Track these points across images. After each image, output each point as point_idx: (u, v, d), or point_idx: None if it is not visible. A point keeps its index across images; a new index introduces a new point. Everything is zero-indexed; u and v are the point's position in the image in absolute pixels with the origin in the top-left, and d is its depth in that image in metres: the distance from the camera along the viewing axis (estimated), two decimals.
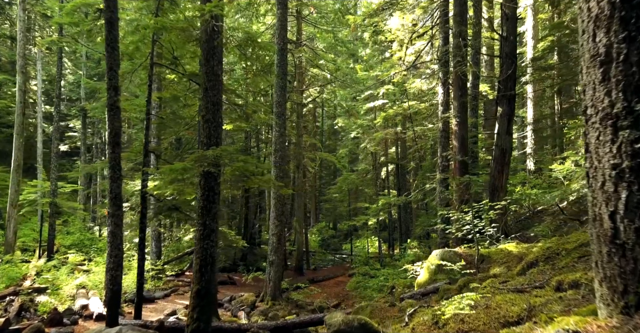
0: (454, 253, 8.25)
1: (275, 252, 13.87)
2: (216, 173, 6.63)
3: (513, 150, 21.51)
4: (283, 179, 14.59)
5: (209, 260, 6.49)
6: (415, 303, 7.00)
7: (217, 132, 6.80)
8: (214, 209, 6.65)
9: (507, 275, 6.15)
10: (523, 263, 5.65)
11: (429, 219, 17.31)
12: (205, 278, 6.42)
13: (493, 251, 8.24)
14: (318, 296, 15.95)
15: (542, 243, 7.90)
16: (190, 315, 6.30)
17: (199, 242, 6.55)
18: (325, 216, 36.76)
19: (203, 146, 6.72)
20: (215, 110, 6.84)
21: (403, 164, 24.20)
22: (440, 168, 12.95)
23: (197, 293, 6.35)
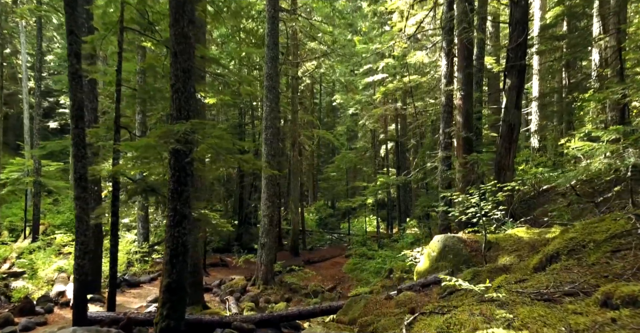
0: (457, 240, 7.48)
1: (267, 235, 13.15)
2: (187, 152, 5.77)
3: None
4: (275, 158, 13.75)
5: (180, 250, 5.70)
6: (414, 297, 6.26)
7: (188, 104, 5.91)
8: (186, 192, 5.82)
9: (521, 269, 5.37)
10: (541, 255, 4.84)
11: (429, 199, 16.55)
12: (177, 270, 5.65)
13: (501, 237, 7.46)
14: (313, 279, 15.34)
15: (556, 229, 7.12)
16: (159, 312, 5.56)
17: (169, 229, 5.74)
18: (324, 195, 36.07)
19: (173, 120, 5.84)
20: (185, 79, 5.93)
21: (403, 142, 23.31)
22: (443, 145, 12.08)
23: (167, 288, 5.59)
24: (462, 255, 7.19)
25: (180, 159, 5.83)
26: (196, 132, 5.65)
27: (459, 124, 11.44)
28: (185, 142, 5.64)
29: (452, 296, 5.77)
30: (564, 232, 6.05)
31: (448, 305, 4.47)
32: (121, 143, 6.48)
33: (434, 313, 3.92)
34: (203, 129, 5.59)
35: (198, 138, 5.56)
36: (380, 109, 21.49)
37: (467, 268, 6.97)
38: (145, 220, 15.57)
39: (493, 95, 21.16)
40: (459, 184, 11.21)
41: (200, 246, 10.28)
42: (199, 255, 10.22)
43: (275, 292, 12.87)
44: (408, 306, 5.84)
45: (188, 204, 5.92)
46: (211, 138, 5.69)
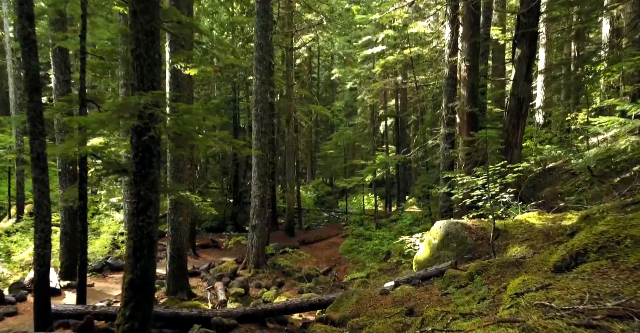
0: (461, 226, 6.74)
1: (258, 216, 12.44)
2: (152, 129, 4.95)
3: None
4: (267, 135, 12.91)
5: (146, 242, 4.96)
6: (412, 293, 5.56)
7: (152, 73, 5.05)
8: (151, 175, 5.03)
9: (536, 264, 4.64)
10: (564, 251, 4.09)
11: (429, 178, 15.81)
12: (142, 264, 4.92)
13: (510, 223, 6.72)
14: (307, 261, 14.74)
15: (572, 215, 6.36)
16: (121, 313, 4.86)
17: (132, 218, 4.98)
18: (322, 172, 35.31)
19: (134, 91, 5.00)
20: (149, 43, 5.05)
21: (403, 118, 22.38)
22: (445, 122, 11.23)
23: (130, 284, 4.87)
24: (466, 244, 6.47)
25: (145, 138, 5.01)
26: (160, 106, 4.81)
27: (464, 98, 10.56)
28: (147, 117, 4.81)
29: (456, 292, 5.07)
30: (584, 219, 5.31)
31: (453, 312, 3.75)
32: (69, 118, 5.66)
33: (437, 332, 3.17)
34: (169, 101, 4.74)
35: (160, 113, 4.72)
36: (379, 83, 20.49)
37: (472, 258, 6.27)
38: None
39: (498, 69, 20.15)
40: (462, 163, 10.43)
41: (183, 230, 9.57)
42: (182, 240, 9.52)
43: (267, 276, 12.26)
44: (406, 304, 5.14)
45: (154, 189, 5.13)
46: (179, 112, 4.85)
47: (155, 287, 5.22)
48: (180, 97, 9.36)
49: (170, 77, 9.31)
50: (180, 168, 9.35)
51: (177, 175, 9.33)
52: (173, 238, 9.42)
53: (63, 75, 10.02)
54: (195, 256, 14.30)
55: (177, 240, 9.44)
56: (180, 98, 9.36)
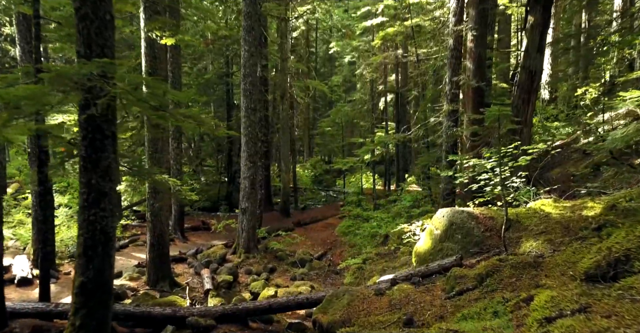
0: (467, 215, 5.99)
1: (249, 198, 11.72)
2: (93, 105, 4.13)
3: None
4: (257, 112, 12.04)
5: (99, 239, 4.22)
6: (412, 294, 4.85)
7: (102, 38, 4.20)
8: (105, 160, 4.25)
9: (558, 265, 3.91)
10: (598, 255, 3.35)
11: (430, 157, 15.01)
12: (95, 265, 4.19)
13: (522, 212, 5.97)
14: (302, 244, 14.11)
15: (593, 203, 5.59)
16: (71, 322, 4.16)
17: (82, 211, 4.23)
18: (320, 150, 34.45)
19: (80, 59, 4.17)
20: (96, 0, 4.19)
21: (403, 93, 21.41)
22: (449, 97, 10.35)
23: (81, 289, 4.16)
24: (473, 236, 5.74)
25: (96, 116, 4.19)
26: (109, 77, 3.97)
27: (469, 71, 9.67)
28: (95, 90, 3.98)
29: (462, 297, 4.36)
30: (610, 209, 4.55)
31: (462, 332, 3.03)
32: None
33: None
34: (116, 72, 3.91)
35: (109, 87, 3.88)
36: (379, 57, 19.44)
37: (479, 252, 5.55)
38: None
39: (504, 41, 19.09)
40: (466, 143, 9.63)
41: (164, 215, 8.85)
42: (163, 226, 8.81)
43: (257, 261, 11.64)
44: (404, 309, 4.44)
45: (109, 177, 4.35)
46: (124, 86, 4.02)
47: (112, 291, 4.49)
48: (157, 70, 8.48)
49: (145, 47, 8.40)
50: (158, 149, 8.56)
51: (155, 156, 8.54)
52: (153, 225, 8.71)
53: (29, 44, 9.09)
54: (183, 239, 13.66)
55: (157, 227, 8.73)
56: (157, 71, 8.48)
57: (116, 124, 4.42)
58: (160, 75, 8.56)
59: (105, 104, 3.88)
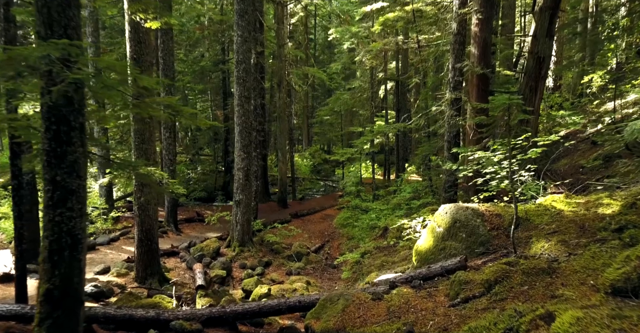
0: (472, 212, 5.57)
1: (243, 191, 11.30)
2: (69, 93, 3.68)
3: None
4: (251, 100, 11.55)
5: (66, 242, 3.80)
6: (412, 299, 4.46)
7: (66, 17, 3.72)
8: (71, 155, 3.81)
9: (575, 272, 3.51)
10: (627, 266, 2.93)
11: (431, 147, 14.55)
12: (62, 271, 3.78)
13: (532, 209, 5.55)
14: (299, 237, 13.74)
15: (609, 200, 5.17)
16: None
17: (47, 211, 3.80)
18: (320, 139, 33.90)
19: (40, 41, 3.70)
20: None
21: (404, 81, 20.85)
22: (452, 85, 9.86)
23: (47, 297, 3.75)
24: (478, 235, 5.32)
25: (61, 105, 3.74)
26: (72, 61, 3.50)
27: (474, 57, 9.16)
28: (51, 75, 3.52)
29: (468, 306, 3.96)
30: (630, 208, 4.12)
31: None
32: None
33: None
34: (82, 55, 3.44)
35: (68, 72, 3.41)
36: (379, 43, 18.83)
37: (486, 253, 5.14)
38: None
39: (507, 26, 18.49)
40: (470, 133, 9.18)
41: (153, 209, 8.43)
42: (152, 220, 8.40)
43: (252, 255, 11.27)
44: (404, 318, 4.04)
45: (77, 173, 3.91)
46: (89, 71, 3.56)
47: (83, 299, 4.08)
48: (143, 56, 7.98)
49: (129, 31, 7.89)
50: (145, 139, 8.10)
51: (141, 147, 8.09)
52: (141, 219, 8.30)
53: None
54: (177, 232, 13.28)
55: (145, 221, 8.32)
56: (144, 57, 7.98)
57: (84, 114, 3.96)
58: (147, 61, 8.05)
59: (62, 91, 3.42)
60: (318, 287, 9.49)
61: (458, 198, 10.16)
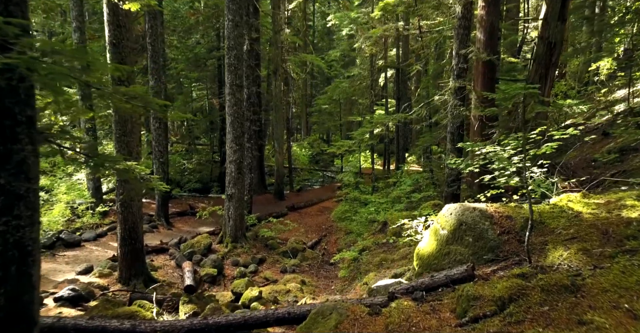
0: (480, 214, 5.04)
1: (235, 184, 10.78)
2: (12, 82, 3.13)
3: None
4: (243, 88, 10.97)
5: (13, 255, 3.27)
6: (414, 315, 3.95)
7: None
8: (18, 154, 3.26)
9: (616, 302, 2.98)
10: None
11: (432, 138, 14.00)
12: (9, 289, 3.25)
13: (546, 211, 5.01)
14: (295, 231, 13.27)
15: (633, 201, 4.63)
16: None
17: None
18: (319, 127, 33.27)
19: None
20: None
21: (404, 69, 20.18)
22: (455, 73, 9.27)
23: None
24: (487, 239, 4.80)
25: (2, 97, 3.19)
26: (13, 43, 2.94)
27: (480, 43, 8.55)
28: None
29: (477, 326, 3.45)
30: None
31: None
32: None
33: None
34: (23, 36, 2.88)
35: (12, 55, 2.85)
36: (379, 29, 18.11)
37: (495, 260, 4.63)
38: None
39: (511, 11, 17.82)
40: (475, 124, 8.61)
41: (137, 206, 7.91)
42: (136, 218, 7.89)
43: (246, 252, 10.80)
44: None
45: (26, 174, 3.36)
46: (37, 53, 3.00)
47: (38, 320, 3.57)
48: (124, 41, 7.38)
49: (108, 14, 7.28)
50: (127, 131, 7.54)
51: (123, 139, 7.54)
52: (124, 217, 7.79)
53: None
54: (168, 226, 12.79)
55: (128, 219, 7.81)
56: (124, 41, 7.38)
57: (34, 106, 3.40)
58: (128, 47, 7.45)
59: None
60: (313, 287, 9.03)
61: (461, 193, 9.65)
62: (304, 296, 7.87)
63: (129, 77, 7.48)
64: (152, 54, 12.06)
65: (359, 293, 8.01)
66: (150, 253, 10.06)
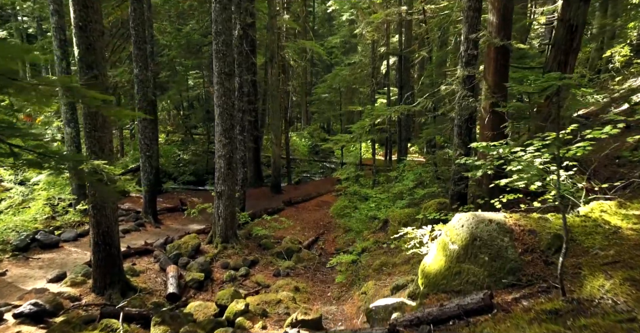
0: (497, 228, 4.27)
1: (225, 181, 10.02)
2: None
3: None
4: (233, 77, 10.14)
5: None
6: None
7: None
8: None
9: None
10: None
11: (436, 130, 13.17)
12: None
13: (576, 223, 4.24)
14: (291, 229, 12.54)
15: None
16: None
17: None
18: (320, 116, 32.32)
19: None
20: None
21: (407, 56, 19.24)
22: (464, 60, 8.39)
23: None
24: (506, 259, 4.04)
25: None
26: None
27: (492, 26, 7.67)
28: None
29: None
30: None
31: None
32: None
33: None
34: None
35: None
36: (380, 14, 17.16)
37: (517, 286, 3.87)
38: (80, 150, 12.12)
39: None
40: (485, 117, 7.79)
41: (111, 208, 7.15)
42: (110, 221, 7.14)
43: (237, 252, 10.08)
44: None
45: None
46: None
47: None
48: (92, 24, 6.55)
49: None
50: (98, 125, 6.75)
51: (93, 135, 6.76)
52: (96, 220, 7.04)
53: None
54: (156, 224, 12.05)
55: (102, 222, 7.06)
56: (92, 24, 6.55)
57: None
58: (97, 30, 6.62)
59: None
60: (308, 294, 8.32)
61: (469, 191, 8.87)
62: (297, 306, 7.16)
63: (99, 63, 6.67)
64: (136, 40, 11.19)
65: (357, 304, 7.29)
66: (132, 256, 9.35)
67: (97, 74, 6.69)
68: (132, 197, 14.54)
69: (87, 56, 6.60)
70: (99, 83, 6.71)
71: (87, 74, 6.63)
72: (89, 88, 3.38)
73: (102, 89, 6.81)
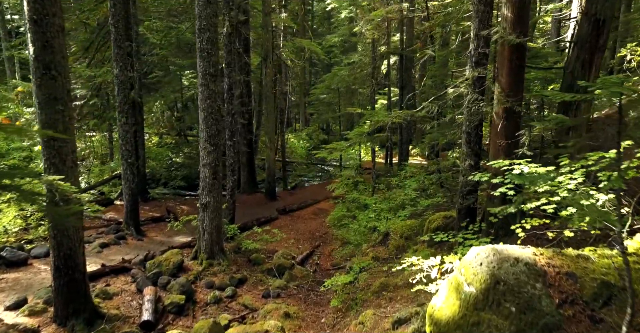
0: (525, 269, 3.40)
1: (210, 191, 9.16)
2: None
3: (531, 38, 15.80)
4: (219, 78, 9.28)
5: None
6: None
7: None
8: None
9: None
10: None
11: (440, 134, 12.27)
12: None
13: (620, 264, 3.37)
14: (284, 241, 11.69)
15: None
16: None
17: None
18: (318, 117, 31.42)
19: None
20: None
21: (409, 55, 18.37)
22: (473, 60, 7.54)
23: None
24: (539, 312, 3.18)
25: None
26: None
27: (507, 21, 6.80)
28: None
29: None
30: None
31: None
32: None
33: None
34: None
35: None
36: (381, 11, 16.30)
37: None
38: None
39: None
40: (498, 124, 6.93)
41: (75, 227, 6.30)
42: (73, 242, 6.29)
43: (223, 270, 9.23)
44: None
45: None
46: None
47: None
48: (49, 17, 5.70)
49: None
50: (58, 131, 5.89)
51: (53, 144, 5.91)
52: (57, 241, 6.20)
53: None
54: (138, 236, 11.19)
55: (63, 244, 6.21)
56: (48, 18, 5.70)
57: None
58: (56, 25, 5.78)
59: None
60: (300, 321, 7.48)
61: (478, 208, 8.02)
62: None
63: (58, 63, 5.82)
64: (116, 37, 10.34)
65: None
66: (107, 275, 8.50)
67: (56, 76, 5.84)
68: (116, 206, 13.69)
69: (44, 55, 5.75)
70: (58, 85, 5.86)
71: (44, 76, 5.79)
72: None
73: (63, 92, 5.98)
